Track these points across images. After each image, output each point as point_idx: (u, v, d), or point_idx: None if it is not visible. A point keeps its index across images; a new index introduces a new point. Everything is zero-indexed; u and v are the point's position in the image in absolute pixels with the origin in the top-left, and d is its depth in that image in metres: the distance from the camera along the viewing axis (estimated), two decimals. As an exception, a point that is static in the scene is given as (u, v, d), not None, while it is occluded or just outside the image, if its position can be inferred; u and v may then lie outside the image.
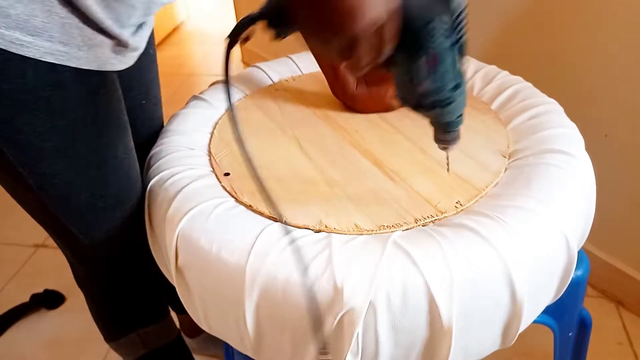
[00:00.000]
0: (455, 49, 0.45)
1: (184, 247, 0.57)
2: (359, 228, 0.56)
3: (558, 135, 0.66)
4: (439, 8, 0.42)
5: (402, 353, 0.52)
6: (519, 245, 0.52)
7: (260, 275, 0.51)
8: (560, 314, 0.71)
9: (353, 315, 0.48)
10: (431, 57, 0.44)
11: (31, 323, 1.26)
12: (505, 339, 0.55)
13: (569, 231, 0.55)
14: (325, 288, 0.49)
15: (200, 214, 0.58)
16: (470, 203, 0.59)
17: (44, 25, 0.50)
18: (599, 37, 1.00)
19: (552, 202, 0.56)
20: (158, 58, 0.82)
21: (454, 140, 0.54)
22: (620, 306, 1.20)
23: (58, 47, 0.52)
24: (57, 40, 0.52)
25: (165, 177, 0.65)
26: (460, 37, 0.45)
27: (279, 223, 0.57)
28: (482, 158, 0.65)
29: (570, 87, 1.07)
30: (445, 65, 0.45)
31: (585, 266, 0.68)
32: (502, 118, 0.73)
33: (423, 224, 0.56)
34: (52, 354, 1.18)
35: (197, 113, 0.78)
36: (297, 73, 0.90)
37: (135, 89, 0.76)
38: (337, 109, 0.79)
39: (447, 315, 0.49)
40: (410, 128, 0.73)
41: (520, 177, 0.60)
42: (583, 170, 0.62)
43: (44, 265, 1.42)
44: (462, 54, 0.46)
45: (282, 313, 0.52)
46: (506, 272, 0.50)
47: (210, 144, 0.72)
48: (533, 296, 0.54)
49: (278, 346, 0.52)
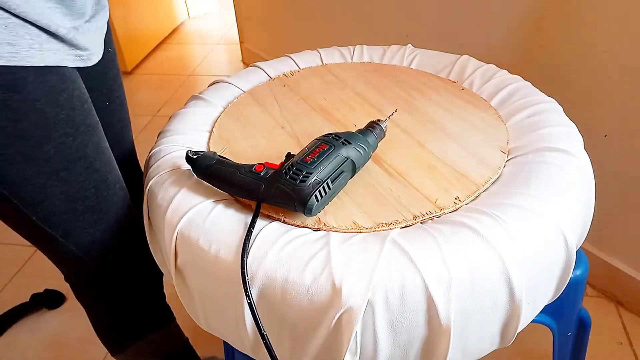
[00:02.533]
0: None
1: (183, 247, 0.57)
2: (357, 226, 0.56)
3: (557, 134, 0.66)
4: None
5: (400, 352, 0.52)
6: (518, 245, 0.52)
7: (259, 275, 0.51)
8: (559, 314, 0.71)
9: (351, 315, 0.48)
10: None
11: (31, 323, 1.26)
12: (504, 339, 0.55)
13: (568, 230, 0.55)
14: (324, 287, 0.49)
15: (199, 214, 0.58)
16: (470, 199, 0.59)
17: None
18: (599, 37, 1.00)
19: (551, 201, 0.56)
20: (158, 58, 0.82)
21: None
22: (619, 306, 1.20)
23: (7, 49, 0.51)
24: (5, 41, 0.51)
25: (164, 176, 0.65)
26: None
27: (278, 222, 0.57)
28: (481, 153, 0.65)
29: (570, 87, 1.07)
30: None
31: (585, 266, 0.68)
32: (501, 115, 0.73)
33: (422, 221, 0.56)
34: (52, 354, 1.18)
35: (196, 112, 0.78)
36: (295, 69, 0.90)
37: (97, 90, 0.74)
38: (335, 104, 0.79)
39: (445, 315, 0.49)
40: (408, 122, 0.73)
41: (519, 175, 0.60)
42: (582, 169, 0.62)
43: (44, 265, 1.42)
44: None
45: (281, 312, 0.51)
46: (504, 272, 0.50)
47: (209, 143, 0.72)
48: (531, 296, 0.54)
49: (277, 345, 0.52)
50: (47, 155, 0.58)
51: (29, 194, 0.59)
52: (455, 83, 0.83)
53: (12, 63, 0.52)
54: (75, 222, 0.64)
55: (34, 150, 0.57)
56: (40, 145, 0.57)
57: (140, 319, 0.81)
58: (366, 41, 0.97)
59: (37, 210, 0.61)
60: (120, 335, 0.81)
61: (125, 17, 2.43)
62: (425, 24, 1.36)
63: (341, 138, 0.59)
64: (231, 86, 0.85)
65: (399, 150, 0.67)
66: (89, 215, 0.65)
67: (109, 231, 0.67)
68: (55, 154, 0.58)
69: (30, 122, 0.55)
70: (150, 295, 0.82)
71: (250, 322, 0.53)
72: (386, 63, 0.91)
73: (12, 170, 0.56)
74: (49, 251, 0.69)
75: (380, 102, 0.79)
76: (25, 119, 0.55)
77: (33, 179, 0.58)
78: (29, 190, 0.58)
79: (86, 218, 0.65)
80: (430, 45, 0.94)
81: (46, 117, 0.57)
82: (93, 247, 0.67)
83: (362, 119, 0.65)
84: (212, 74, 2.44)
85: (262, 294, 0.52)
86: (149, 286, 0.80)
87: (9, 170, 0.56)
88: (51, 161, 0.59)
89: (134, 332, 0.81)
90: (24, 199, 0.59)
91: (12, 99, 0.53)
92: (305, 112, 0.78)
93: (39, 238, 0.66)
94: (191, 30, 3.01)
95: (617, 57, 0.99)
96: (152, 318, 0.83)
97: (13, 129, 0.54)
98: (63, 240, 0.65)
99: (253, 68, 0.91)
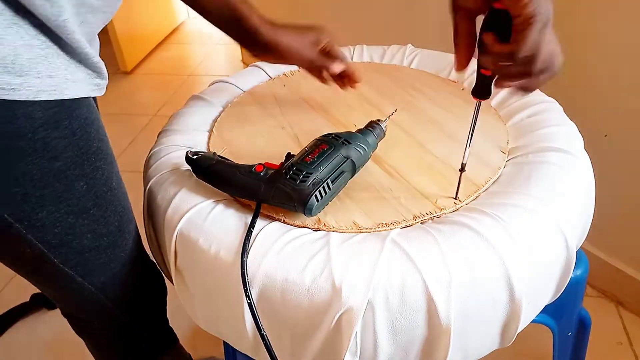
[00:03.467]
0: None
1: (183, 247, 0.57)
2: (357, 226, 0.56)
3: (558, 133, 0.66)
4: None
5: (400, 352, 0.52)
6: (518, 245, 0.52)
7: (259, 275, 0.51)
8: (559, 314, 0.71)
9: (351, 315, 0.48)
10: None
11: (31, 323, 1.26)
12: (504, 339, 0.55)
13: (568, 230, 0.55)
14: (324, 287, 0.49)
15: (199, 214, 0.58)
16: (470, 199, 0.59)
17: (29, 62, 0.46)
18: (599, 37, 1.00)
19: (551, 201, 0.56)
20: (158, 58, 0.82)
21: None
22: (619, 306, 1.20)
23: (48, 82, 0.48)
24: (45, 74, 0.47)
25: (164, 176, 0.65)
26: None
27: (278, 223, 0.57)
28: (481, 153, 0.65)
29: (570, 87, 1.07)
30: None
31: (585, 266, 0.68)
32: (501, 115, 0.73)
33: (422, 221, 0.56)
34: (52, 354, 1.18)
35: (196, 112, 0.78)
36: (295, 69, 0.90)
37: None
38: (335, 104, 0.79)
39: (446, 315, 0.49)
40: (408, 122, 0.73)
41: (519, 175, 0.60)
42: (582, 169, 0.62)
43: (43, 265, 1.42)
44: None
45: (281, 312, 0.51)
46: (504, 272, 0.50)
47: (209, 143, 0.72)
48: (532, 296, 0.53)
49: (277, 345, 0.52)
50: (80, 193, 0.54)
51: (56, 236, 0.54)
52: (455, 83, 0.83)
53: (53, 97, 0.48)
54: (98, 259, 0.60)
55: (67, 190, 0.53)
56: (74, 183, 0.53)
57: (146, 345, 0.79)
58: (366, 41, 0.97)
59: (60, 252, 0.56)
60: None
61: (125, 17, 2.43)
62: (425, 24, 1.36)
63: (341, 138, 0.59)
64: (231, 86, 0.85)
65: (399, 150, 0.67)
66: (110, 251, 0.61)
67: (128, 264, 0.64)
68: (86, 190, 0.55)
69: (66, 159, 0.52)
70: (156, 320, 0.80)
71: (250, 322, 0.53)
72: (386, 63, 0.91)
73: (42, 214, 0.52)
74: (58, 289, 0.64)
75: (380, 102, 0.79)
76: (62, 156, 0.51)
77: (63, 220, 0.54)
78: (56, 232, 0.54)
79: (108, 253, 0.61)
80: (430, 45, 0.94)
81: (81, 152, 0.53)
82: (111, 282, 0.64)
83: (362, 119, 0.65)
84: (212, 74, 2.44)
85: (262, 294, 0.52)
86: (156, 311, 0.79)
87: (40, 213, 0.52)
88: (82, 198, 0.55)
89: (141, 359, 0.79)
90: (49, 243, 0.55)
91: (50, 137, 0.49)
92: (305, 112, 0.78)
93: (52, 278, 0.60)
94: (191, 30, 3.01)
95: (617, 57, 0.99)
96: (157, 342, 0.82)
97: (49, 170, 0.50)
98: (81, 279, 0.61)
99: (253, 68, 0.91)
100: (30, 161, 0.49)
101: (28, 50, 0.46)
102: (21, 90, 0.46)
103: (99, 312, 0.67)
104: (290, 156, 0.58)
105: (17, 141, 0.47)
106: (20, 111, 0.47)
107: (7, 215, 0.51)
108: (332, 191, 0.56)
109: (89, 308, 0.67)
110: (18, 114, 0.46)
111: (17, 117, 0.46)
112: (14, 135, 0.47)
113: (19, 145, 0.48)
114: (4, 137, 0.47)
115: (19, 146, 0.48)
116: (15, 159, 0.48)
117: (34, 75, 0.46)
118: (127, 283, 0.66)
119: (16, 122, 0.47)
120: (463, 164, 0.58)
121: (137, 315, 0.73)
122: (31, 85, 0.46)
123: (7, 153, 0.47)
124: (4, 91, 0.45)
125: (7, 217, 0.51)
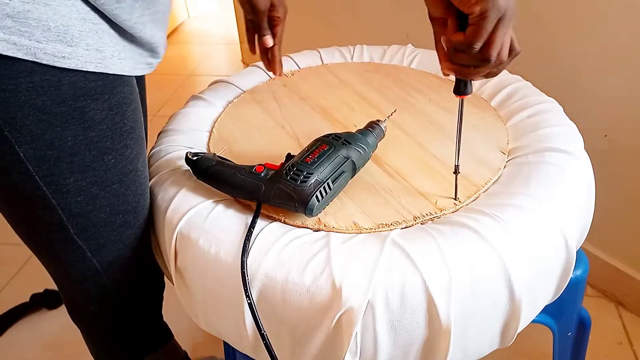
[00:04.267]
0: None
1: (183, 247, 0.57)
2: (357, 226, 0.56)
3: (557, 134, 0.66)
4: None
5: (400, 353, 0.52)
6: (518, 245, 0.52)
7: (259, 275, 0.51)
8: (559, 314, 0.71)
9: (351, 315, 0.48)
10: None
11: (31, 323, 1.26)
12: (504, 339, 0.55)
13: (568, 230, 0.55)
14: (324, 288, 0.49)
15: (199, 214, 0.58)
16: (470, 200, 0.59)
17: (80, 34, 0.50)
18: (599, 37, 1.00)
19: (550, 201, 0.56)
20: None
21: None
22: (619, 306, 1.20)
23: (95, 55, 0.51)
24: (94, 48, 0.51)
25: (164, 176, 0.65)
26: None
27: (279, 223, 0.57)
28: (481, 154, 0.65)
29: (570, 87, 1.07)
30: None
31: (585, 266, 0.68)
32: (501, 115, 0.73)
33: (422, 221, 0.56)
34: (52, 354, 1.18)
35: (196, 112, 0.78)
36: (295, 69, 0.90)
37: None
38: (335, 104, 0.79)
39: (446, 315, 0.49)
40: (408, 123, 0.73)
41: (519, 175, 0.60)
42: (582, 170, 0.62)
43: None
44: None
45: (281, 312, 0.51)
46: (504, 272, 0.50)
47: (209, 143, 0.72)
48: (532, 296, 0.53)
49: (277, 345, 0.52)
50: (107, 166, 0.57)
51: (77, 204, 0.57)
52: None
53: (99, 69, 0.52)
54: (109, 236, 0.62)
55: (96, 161, 0.56)
56: (103, 155, 0.56)
57: (140, 338, 0.79)
58: (366, 41, 0.97)
59: (78, 222, 0.58)
60: (120, 355, 0.79)
61: (125, 17, 2.42)
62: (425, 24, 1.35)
63: (341, 138, 0.59)
64: (231, 86, 0.85)
65: (399, 151, 0.67)
66: (123, 230, 0.62)
67: (134, 248, 0.65)
68: (113, 165, 0.57)
69: (99, 131, 0.55)
70: (152, 315, 0.80)
71: (250, 322, 0.53)
72: (386, 63, 0.91)
73: (70, 180, 0.55)
74: (65, 265, 0.65)
75: (380, 102, 0.79)
76: (97, 127, 0.54)
77: (88, 189, 0.56)
78: (79, 200, 0.56)
79: (120, 232, 0.62)
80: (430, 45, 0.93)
81: (115, 127, 0.56)
82: (116, 263, 0.65)
83: (362, 119, 0.65)
84: (212, 74, 2.44)
85: (262, 294, 0.52)
86: (152, 305, 0.79)
87: (68, 179, 0.55)
88: (109, 172, 0.57)
89: (134, 352, 0.80)
90: (70, 211, 0.57)
91: (89, 107, 0.53)
92: (305, 112, 0.78)
93: (62, 252, 0.62)
94: (191, 30, 3.01)
95: (617, 57, 0.99)
96: (151, 337, 0.82)
97: (83, 138, 0.53)
98: (90, 254, 0.62)
99: (253, 68, 0.91)
100: (67, 127, 0.52)
101: (81, 23, 0.50)
102: (70, 59, 0.49)
103: (98, 295, 0.68)
104: (291, 156, 0.58)
105: (58, 106, 0.51)
106: (67, 79, 0.50)
107: (38, 177, 0.53)
108: (333, 191, 0.56)
109: (90, 289, 0.68)
110: (64, 81, 0.50)
111: (62, 84, 0.50)
112: (57, 101, 0.50)
113: (59, 110, 0.51)
114: (48, 103, 0.50)
115: (59, 111, 0.51)
116: (54, 123, 0.51)
117: (83, 47, 0.50)
118: (130, 267, 0.67)
119: (61, 89, 0.50)
120: (456, 165, 0.58)
121: (133, 304, 0.73)
122: (80, 55, 0.50)
123: (48, 116, 0.50)
124: (55, 58, 0.48)
125: (38, 180, 0.53)
